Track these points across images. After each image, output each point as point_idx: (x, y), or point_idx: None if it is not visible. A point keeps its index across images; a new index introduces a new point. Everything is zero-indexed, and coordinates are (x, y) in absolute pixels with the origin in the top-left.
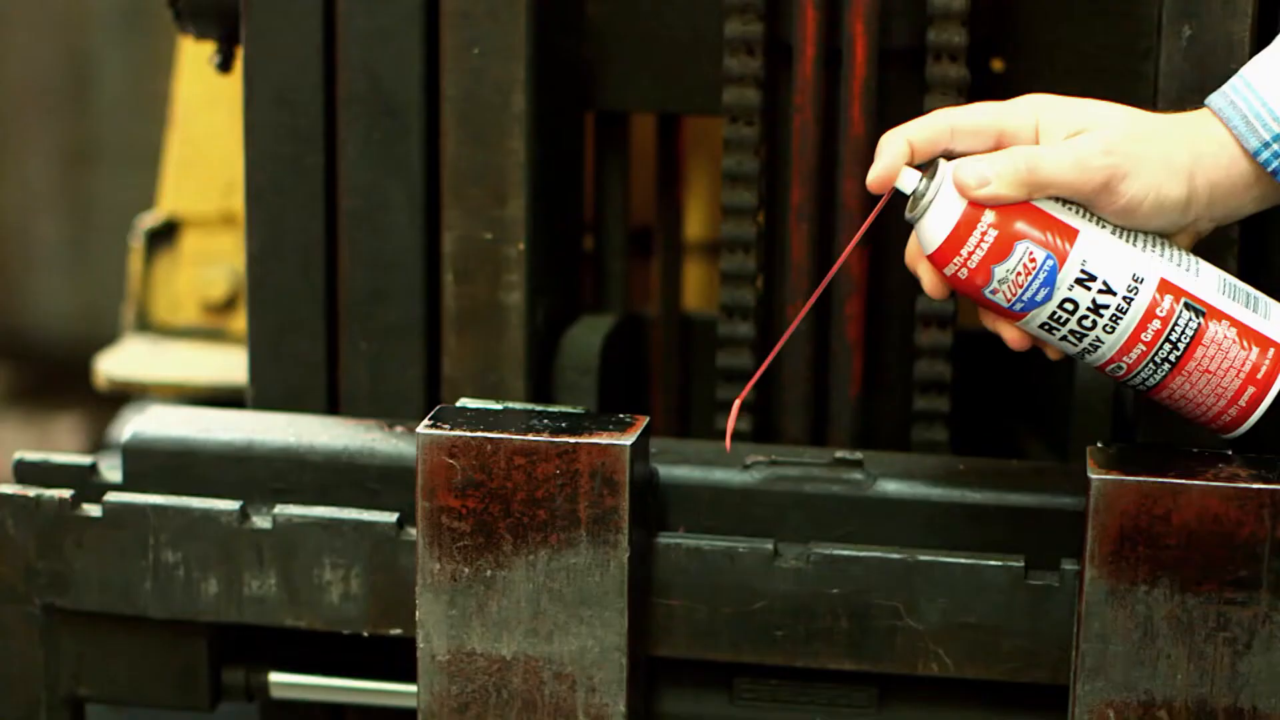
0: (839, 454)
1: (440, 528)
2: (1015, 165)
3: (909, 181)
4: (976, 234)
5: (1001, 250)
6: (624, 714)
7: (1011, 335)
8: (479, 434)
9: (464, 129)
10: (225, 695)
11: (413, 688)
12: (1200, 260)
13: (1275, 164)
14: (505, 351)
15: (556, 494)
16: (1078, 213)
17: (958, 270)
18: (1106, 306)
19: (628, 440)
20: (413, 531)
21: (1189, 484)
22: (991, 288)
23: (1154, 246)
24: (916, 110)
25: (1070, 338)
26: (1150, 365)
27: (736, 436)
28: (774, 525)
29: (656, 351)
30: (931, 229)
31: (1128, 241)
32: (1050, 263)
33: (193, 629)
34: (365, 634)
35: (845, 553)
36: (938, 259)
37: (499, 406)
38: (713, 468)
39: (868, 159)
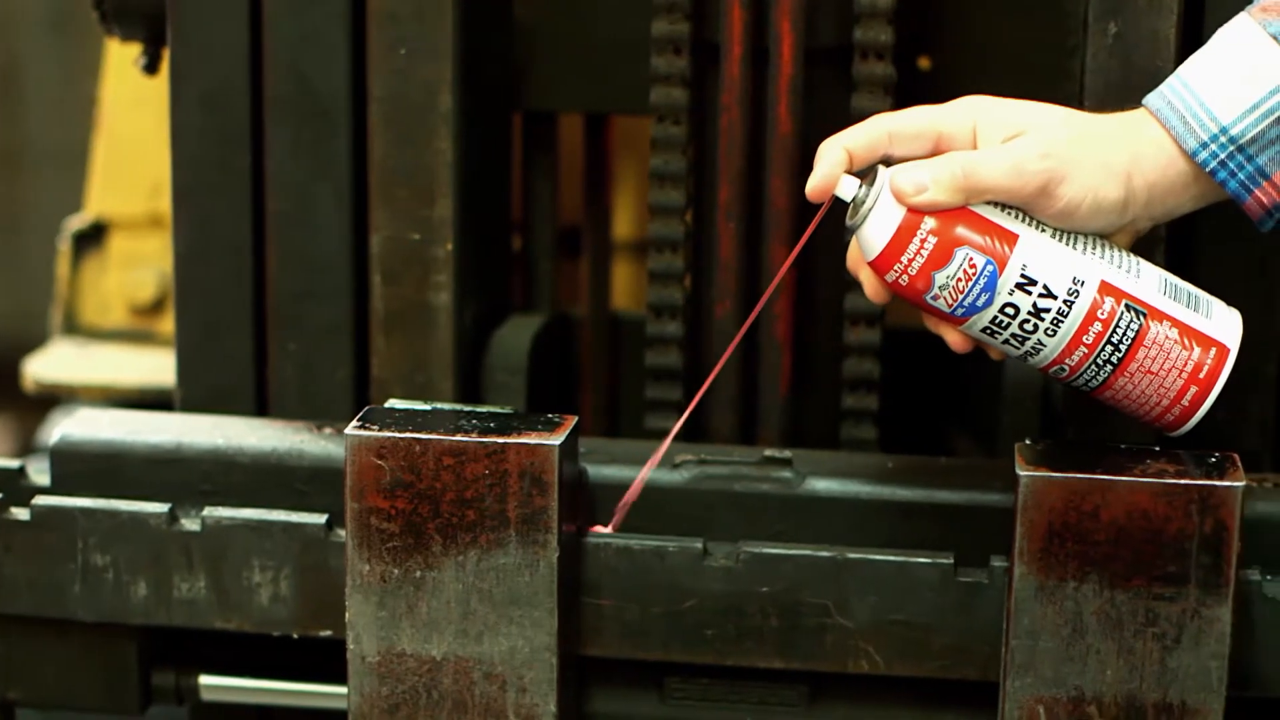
0: (768, 452)
1: (369, 529)
2: (952, 171)
3: (848, 189)
4: (916, 241)
5: (941, 257)
6: (554, 714)
7: (954, 339)
8: (407, 435)
9: (391, 129)
10: (155, 698)
11: (343, 689)
12: (1141, 260)
13: (1213, 164)
14: (434, 352)
15: (485, 494)
16: (1017, 217)
17: (899, 277)
18: (1047, 310)
19: (556, 440)
20: (342, 533)
21: (1117, 480)
22: (933, 294)
23: (1094, 248)
24: (844, 108)
25: (1012, 341)
26: (1093, 367)
27: (664, 436)
28: (704, 524)
29: (585, 351)
30: (872, 236)
31: (1067, 244)
32: (990, 268)
33: (122, 632)
34: (295, 636)
35: (775, 551)
36: (879, 266)
37: (427, 407)
38: (641, 467)
39: (795, 158)
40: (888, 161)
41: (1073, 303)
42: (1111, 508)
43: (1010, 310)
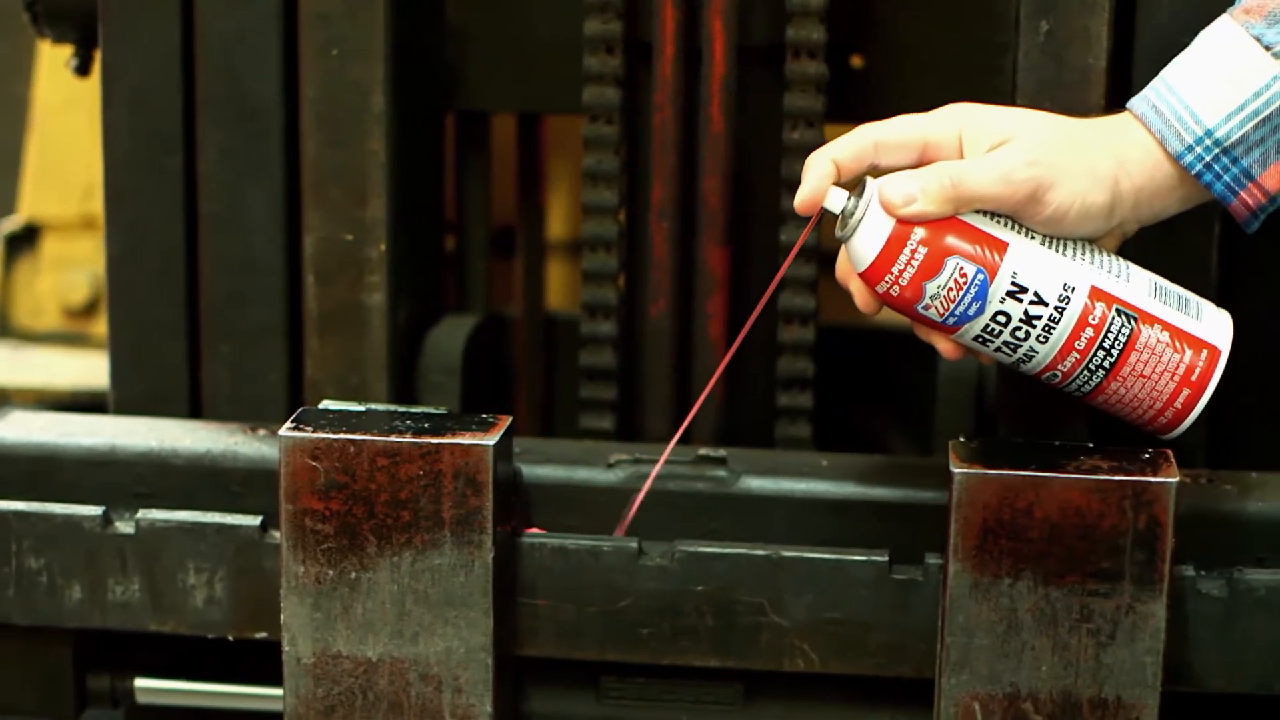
0: (702, 451)
1: (304, 530)
2: (941, 181)
3: (837, 201)
4: (906, 252)
5: (932, 267)
6: (490, 714)
7: (945, 347)
8: (341, 436)
9: (324, 130)
10: (90, 702)
11: (279, 691)
12: (1131, 264)
13: (1198, 167)
14: (367, 353)
15: (420, 495)
16: (1006, 225)
17: (889, 288)
18: (1039, 317)
19: (490, 440)
20: (277, 535)
21: (1051, 477)
22: (924, 304)
23: (1083, 254)
24: (777, 107)
25: (1004, 349)
26: (1085, 372)
27: (599, 435)
28: (638, 524)
29: (520, 351)
30: (862, 248)
31: (1057, 251)
32: (981, 277)
33: (57, 636)
34: (230, 638)
35: (710, 550)
36: (869, 277)
37: (362, 408)
38: (576, 467)
39: (727, 156)
40: (874, 171)
41: (1064, 309)
42: (1045, 504)
43: (1002, 318)
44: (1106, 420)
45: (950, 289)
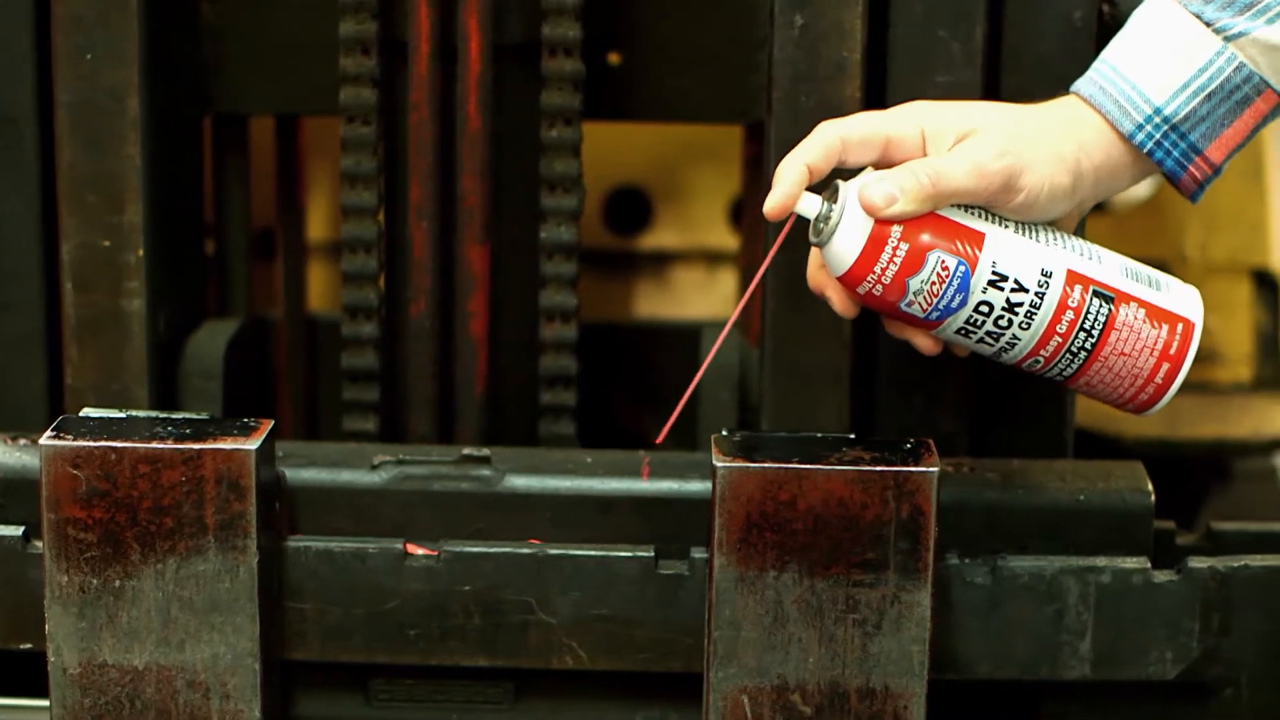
0: (466, 451)
1: (67, 539)
2: (919, 180)
3: (810, 206)
4: (888, 251)
5: (914, 263)
6: (259, 719)
7: (924, 343)
8: (102, 443)
9: (79, 135)
10: None
11: (45, 702)
12: (1099, 247)
13: (1149, 145)
14: (128, 359)
15: (183, 501)
16: (979, 215)
17: (871, 288)
18: (1020, 304)
19: (252, 445)
20: (39, 544)
21: (813, 469)
22: (907, 300)
23: (1054, 238)
24: (534, 105)
25: (987, 339)
26: (1067, 355)
27: (363, 436)
28: (404, 525)
29: (282, 354)
30: (841, 251)
31: (1029, 237)
32: (963, 269)
33: None
34: None
35: (475, 549)
36: (850, 279)
37: (123, 415)
38: (340, 469)
39: (485, 155)
40: (839, 170)
41: (1044, 294)
42: (808, 496)
43: (984, 308)
44: (869, 411)
45: (933, 283)
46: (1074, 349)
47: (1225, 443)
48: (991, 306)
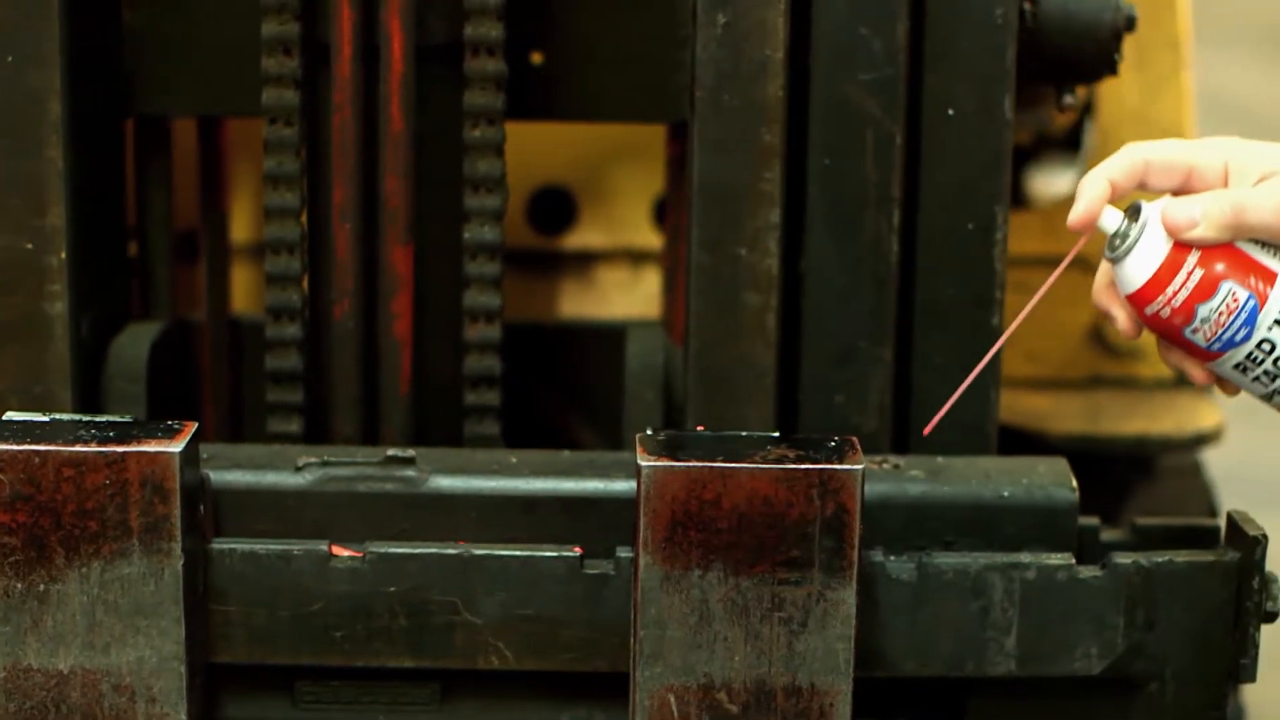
0: (391, 452)
1: None
2: (1222, 208)
3: (1111, 221)
4: (1182, 274)
5: (1206, 290)
6: None
7: (1198, 374)
8: (26, 447)
9: (1, 139)
10: None
11: None
12: None
13: None
14: (51, 363)
15: (107, 504)
16: (1273, 254)
17: (1160, 309)
18: None
19: (176, 447)
20: None
21: (737, 468)
22: (1193, 327)
23: None
24: (457, 105)
25: (1263, 377)
26: None
27: (287, 438)
28: (329, 526)
29: (206, 356)
30: (1136, 269)
31: None
32: (1252, 303)
33: None
34: None
35: (400, 550)
36: (1140, 298)
37: (46, 418)
38: (265, 471)
39: (407, 156)
40: (1143, 192)
41: None
42: (733, 495)
43: (1266, 346)
44: (794, 411)
45: (1221, 313)
46: None
47: (1149, 439)
48: (1274, 346)
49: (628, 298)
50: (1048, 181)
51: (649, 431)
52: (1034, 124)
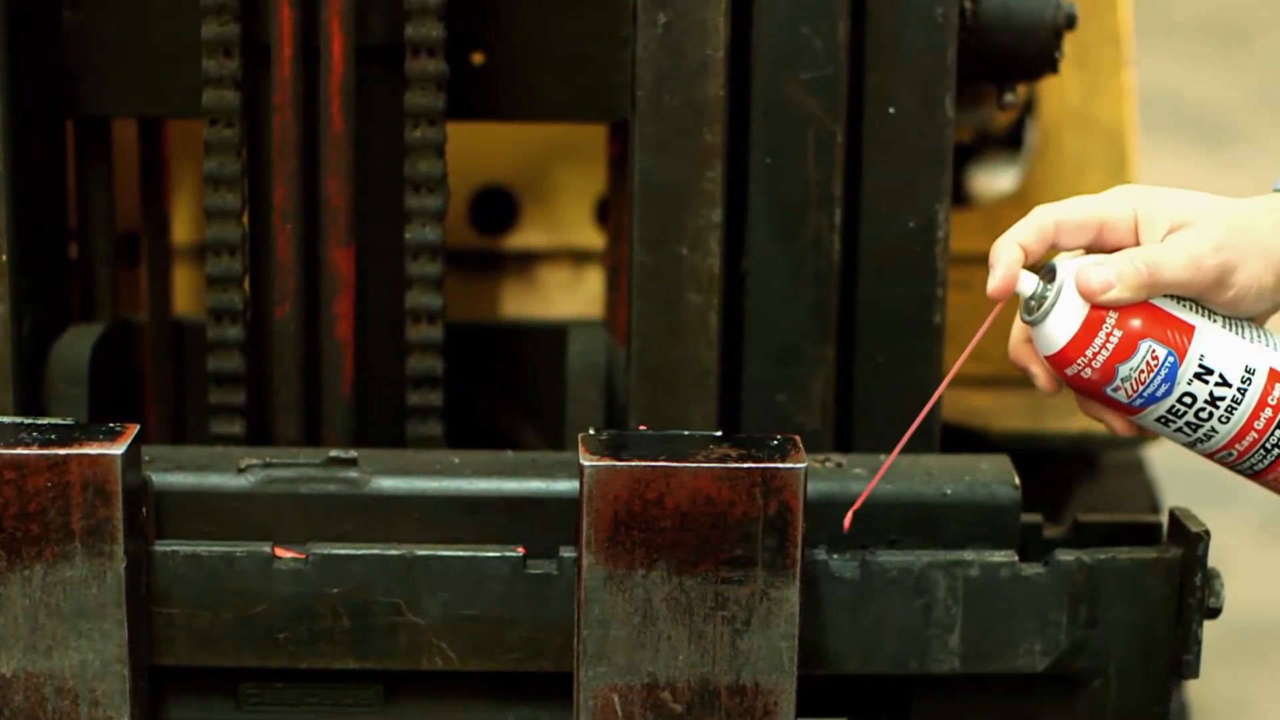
0: (333, 453)
1: None
2: (1136, 268)
3: (1028, 285)
4: (1101, 335)
5: (1126, 350)
6: None
7: (1120, 425)
8: None
9: None
10: None
11: None
12: None
13: None
14: None
15: (49, 507)
16: (1189, 307)
17: (1080, 370)
18: (1223, 398)
19: (118, 450)
20: None
21: (680, 467)
22: (1114, 385)
23: (1257, 335)
24: (398, 106)
25: (1185, 429)
26: (1260, 451)
27: (230, 440)
28: (272, 528)
29: (148, 358)
30: (1054, 332)
31: (1235, 333)
32: (1171, 359)
33: None
34: None
35: (343, 551)
36: (1060, 360)
37: None
38: (207, 473)
39: (348, 157)
40: (1053, 252)
41: (1245, 390)
42: (675, 494)
43: (1188, 399)
44: (736, 410)
45: (1141, 371)
46: (1268, 445)
47: (1092, 436)
48: (1194, 399)
49: (570, 297)
50: (989, 180)
51: (591, 431)
52: (975, 122)
